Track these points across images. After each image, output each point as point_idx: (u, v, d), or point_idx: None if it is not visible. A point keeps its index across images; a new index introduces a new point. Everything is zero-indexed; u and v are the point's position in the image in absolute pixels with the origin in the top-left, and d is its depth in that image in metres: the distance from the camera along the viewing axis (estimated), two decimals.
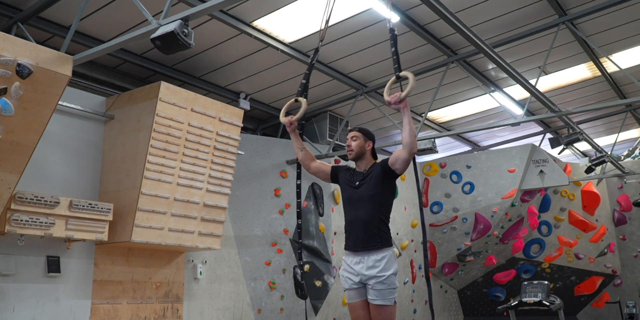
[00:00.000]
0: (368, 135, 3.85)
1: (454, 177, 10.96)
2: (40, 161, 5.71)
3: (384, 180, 3.67)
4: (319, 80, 8.36)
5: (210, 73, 7.90)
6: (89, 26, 6.48)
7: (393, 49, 3.70)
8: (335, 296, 8.95)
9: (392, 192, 3.79)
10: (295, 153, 4.00)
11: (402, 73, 3.60)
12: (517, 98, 9.72)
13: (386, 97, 3.55)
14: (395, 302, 3.59)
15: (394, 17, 6.63)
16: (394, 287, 3.57)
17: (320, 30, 4.29)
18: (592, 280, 11.88)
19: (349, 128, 4.02)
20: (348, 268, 3.70)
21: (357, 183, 3.73)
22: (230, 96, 8.49)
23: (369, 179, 3.70)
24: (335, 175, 3.91)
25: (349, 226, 3.75)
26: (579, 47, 8.14)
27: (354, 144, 3.80)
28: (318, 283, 8.73)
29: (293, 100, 4.06)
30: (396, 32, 3.79)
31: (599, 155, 9.93)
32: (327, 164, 4.00)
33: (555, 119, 10.26)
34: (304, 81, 4.13)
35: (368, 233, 3.61)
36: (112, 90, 7.32)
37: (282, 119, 3.98)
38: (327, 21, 4.28)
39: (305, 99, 4.01)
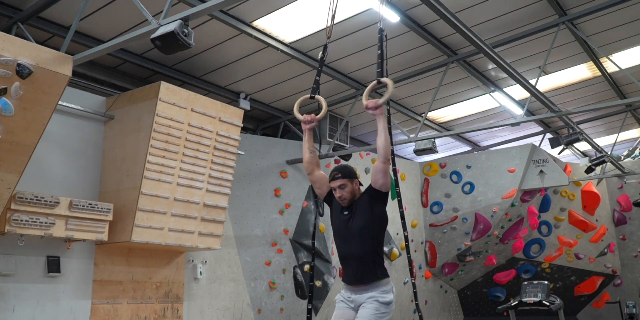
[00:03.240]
0: (352, 175, 3.60)
1: (454, 177, 10.96)
2: (40, 161, 5.71)
3: (372, 208, 3.52)
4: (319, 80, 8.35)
5: (210, 73, 7.90)
6: (89, 26, 6.48)
7: (379, 52, 3.58)
8: (335, 296, 8.94)
9: (384, 220, 3.60)
10: (303, 153, 3.76)
11: (383, 79, 3.48)
12: (517, 98, 9.71)
13: (364, 101, 3.45)
14: None
15: (394, 17, 6.63)
16: (384, 311, 3.43)
17: (327, 26, 4.12)
18: (592, 280, 11.88)
19: (331, 173, 3.64)
20: (343, 298, 3.67)
21: (346, 213, 3.57)
22: (230, 96, 8.49)
23: (357, 209, 3.54)
24: (331, 193, 3.70)
25: (343, 262, 3.66)
26: (579, 47, 8.14)
27: (345, 193, 3.55)
28: (318, 283, 8.72)
29: (308, 96, 3.84)
30: (386, 33, 3.68)
31: (599, 155, 9.92)
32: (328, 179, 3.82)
33: (555, 119, 10.26)
34: (317, 78, 3.95)
35: (363, 267, 3.50)
36: (112, 90, 7.32)
37: (300, 115, 3.73)
38: (333, 17, 4.14)
39: (322, 97, 3.85)
